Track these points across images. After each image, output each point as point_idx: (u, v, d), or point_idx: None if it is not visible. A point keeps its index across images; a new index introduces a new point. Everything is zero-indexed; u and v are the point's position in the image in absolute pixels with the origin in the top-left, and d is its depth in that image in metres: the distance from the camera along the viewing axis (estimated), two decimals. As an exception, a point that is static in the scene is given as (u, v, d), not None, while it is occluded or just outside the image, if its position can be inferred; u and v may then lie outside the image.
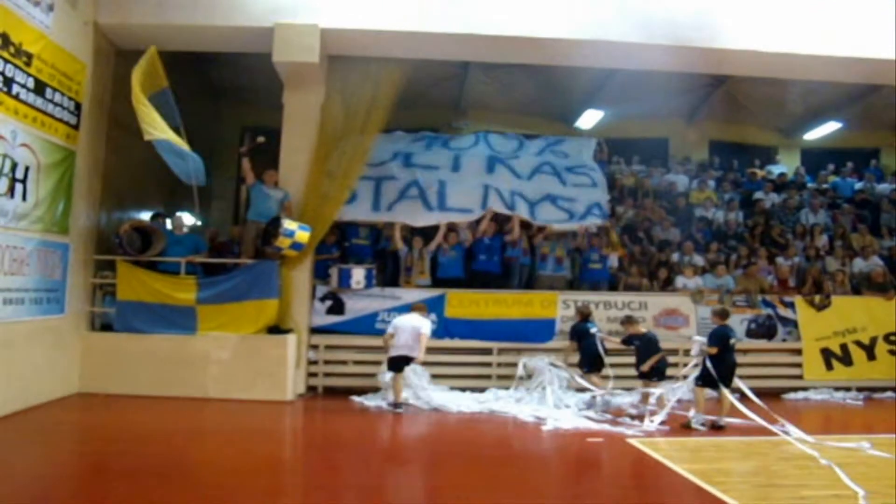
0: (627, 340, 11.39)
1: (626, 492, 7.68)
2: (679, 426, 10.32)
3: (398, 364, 11.34)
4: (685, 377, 10.99)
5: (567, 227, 14.18)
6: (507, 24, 12.08)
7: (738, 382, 10.54)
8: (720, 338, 10.45)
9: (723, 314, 10.90)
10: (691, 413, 10.47)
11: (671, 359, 11.44)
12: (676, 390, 11.03)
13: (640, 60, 13.07)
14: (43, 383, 10.54)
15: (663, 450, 8.80)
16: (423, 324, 11.51)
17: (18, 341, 9.87)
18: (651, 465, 8.32)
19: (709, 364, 10.38)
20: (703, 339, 10.76)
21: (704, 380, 10.44)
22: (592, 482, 8.21)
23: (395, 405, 11.23)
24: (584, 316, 12.26)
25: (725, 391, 10.28)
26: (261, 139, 12.23)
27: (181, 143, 10.74)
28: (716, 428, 10.21)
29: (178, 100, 11.79)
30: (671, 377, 11.19)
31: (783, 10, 12.43)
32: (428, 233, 13.73)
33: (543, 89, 17.12)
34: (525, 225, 14.03)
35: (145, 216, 13.67)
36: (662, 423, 10.33)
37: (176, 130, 11.38)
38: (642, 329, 11.32)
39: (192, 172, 11.07)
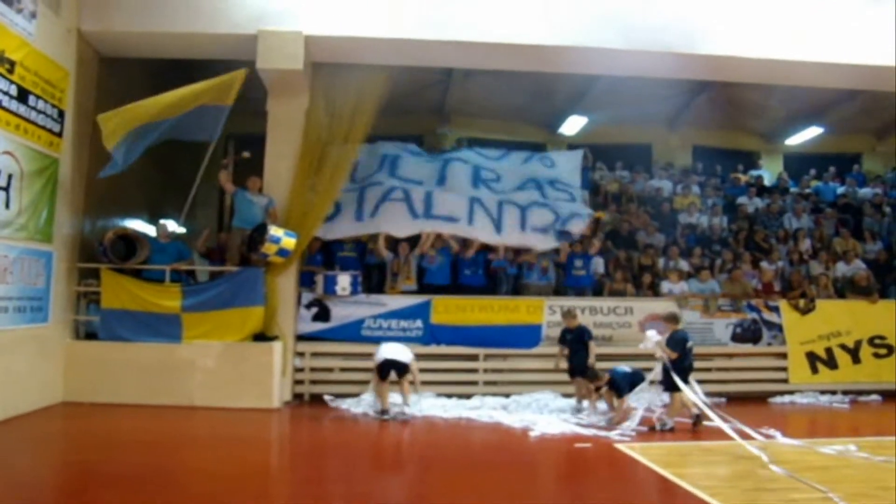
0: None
1: (614, 496, 7.66)
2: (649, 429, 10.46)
3: (385, 369, 11.20)
4: (652, 382, 11.02)
5: (551, 246, 14.15)
6: (491, 31, 12.09)
7: (694, 385, 10.57)
8: (679, 342, 10.51)
9: (674, 318, 10.99)
10: (658, 414, 10.67)
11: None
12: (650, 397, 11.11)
13: (623, 67, 13.11)
14: (27, 392, 10.45)
15: (651, 454, 8.79)
16: (407, 351, 11.50)
17: (1, 350, 9.80)
18: (639, 469, 8.32)
19: (669, 367, 10.43)
20: (654, 333, 10.85)
21: (666, 385, 10.56)
22: (580, 488, 8.15)
23: (383, 412, 11.16)
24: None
25: (686, 389, 10.33)
26: (246, 154, 12.21)
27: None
28: (695, 424, 10.44)
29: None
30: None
31: (766, 16, 12.48)
32: (414, 240, 13.69)
33: (527, 95, 17.15)
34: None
35: (129, 224, 13.60)
36: (641, 424, 10.46)
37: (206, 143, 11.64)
38: (606, 376, 11.18)
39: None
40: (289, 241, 11.69)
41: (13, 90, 9.75)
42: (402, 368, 11.28)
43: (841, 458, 8.66)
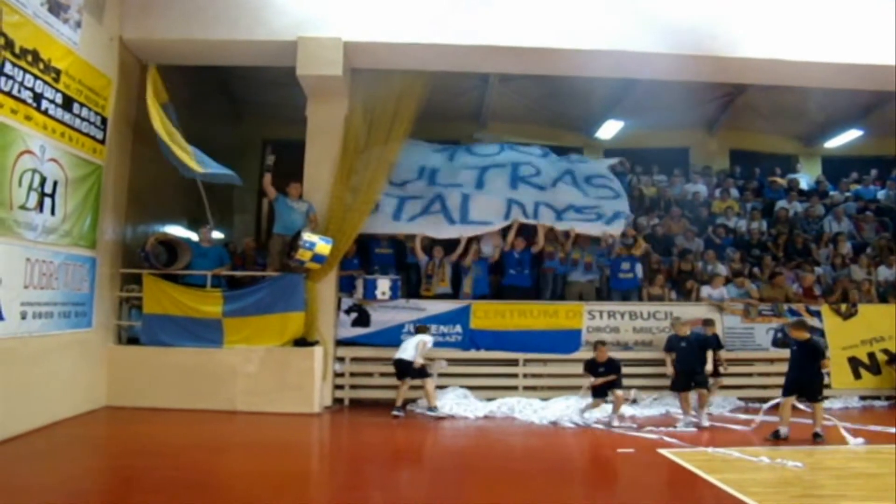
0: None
1: (662, 502, 7.63)
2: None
3: (397, 370, 11.77)
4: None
5: (595, 230, 14.13)
6: (528, 36, 12.09)
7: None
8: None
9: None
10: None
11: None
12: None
13: (659, 70, 13.04)
14: (71, 397, 10.57)
15: (695, 460, 8.70)
16: (424, 337, 11.94)
17: (47, 355, 9.88)
18: (685, 475, 8.23)
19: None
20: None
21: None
22: (627, 494, 8.11)
23: (394, 408, 11.64)
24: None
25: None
26: (271, 157, 12.30)
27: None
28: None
29: (197, 113, 11.94)
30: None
31: (802, 19, 12.39)
32: (450, 243, 13.73)
33: (563, 100, 17.08)
34: (552, 236, 14.04)
35: (170, 229, 13.71)
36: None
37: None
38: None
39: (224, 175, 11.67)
40: (324, 247, 11.71)
41: (59, 98, 9.86)
42: (409, 369, 11.68)
43: (890, 465, 8.56)
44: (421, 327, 12.33)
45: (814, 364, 10.40)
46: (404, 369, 11.71)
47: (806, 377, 10.38)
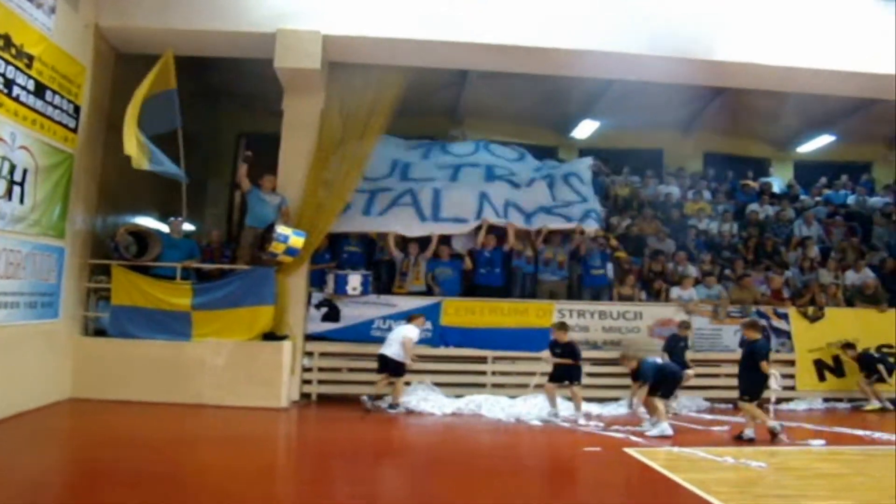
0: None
1: (626, 500, 7.67)
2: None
3: (379, 364, 11.79)
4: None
5: (566, 226, 14.14)
6: (509, 34, 12.10)
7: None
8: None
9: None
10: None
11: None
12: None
13: (638, 71, 13.12)
14: (35, 388, 10.46)
15: (661, 459, 8.76)
16: (410, 330, 11.86)
17: (12, 345, 9.79)
18: (650, 475, 8.27)
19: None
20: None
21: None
22: (590, 492, 8.14)
23: (368, 396, 11.68)
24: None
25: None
26: (248, 153, 12.27)
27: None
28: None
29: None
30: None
31: (783, 24, 12.48)
32: (424, 241, 13.69)
33: (541, 99, 17.08)
34: (524, 233, 14.06)
35: (141, 220, 13.61)
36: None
37: (174, 132, 11.77)
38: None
39: (174, 174, 11.59)
40: (297, 240, 11.69)
41: (31, 85, 9.76)
42: (393, 368, 11.67)
43: (851, 466, 8.68)
44: (412, 316, 12.30)
45: (752, 365, 10.43)
46: (386, 365, 11.73)
47: (751, 379, 10.43)
